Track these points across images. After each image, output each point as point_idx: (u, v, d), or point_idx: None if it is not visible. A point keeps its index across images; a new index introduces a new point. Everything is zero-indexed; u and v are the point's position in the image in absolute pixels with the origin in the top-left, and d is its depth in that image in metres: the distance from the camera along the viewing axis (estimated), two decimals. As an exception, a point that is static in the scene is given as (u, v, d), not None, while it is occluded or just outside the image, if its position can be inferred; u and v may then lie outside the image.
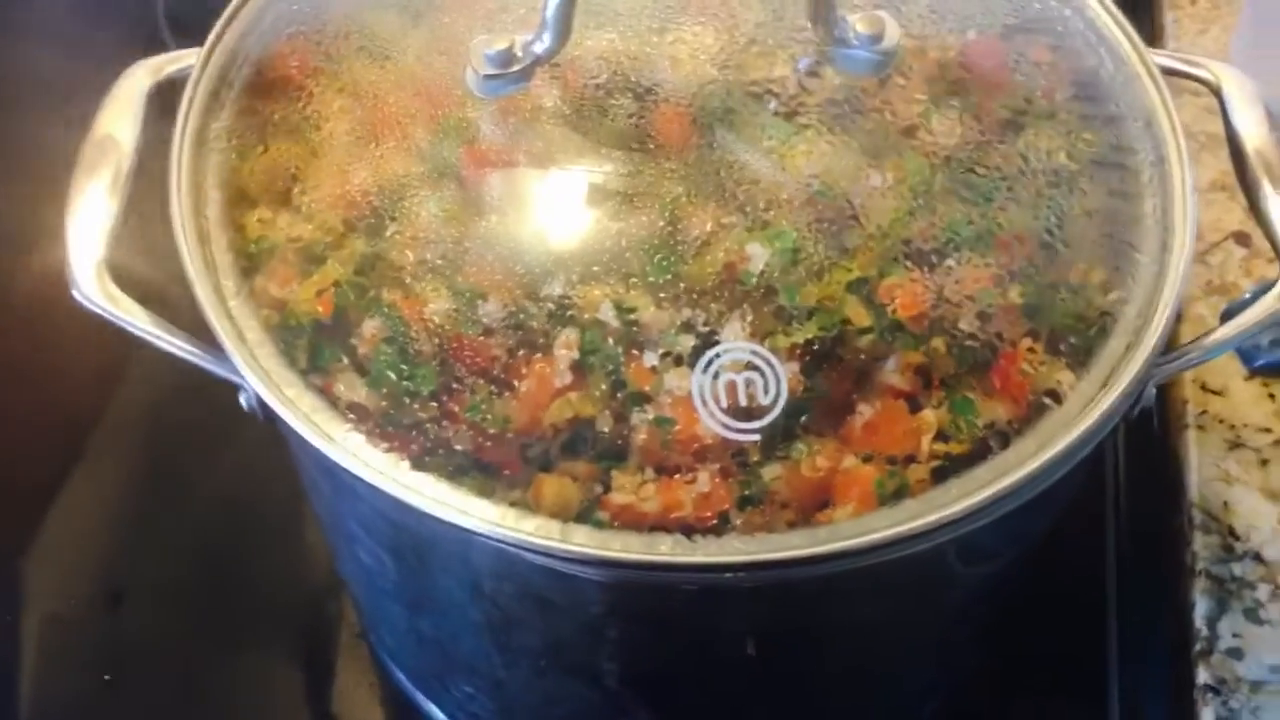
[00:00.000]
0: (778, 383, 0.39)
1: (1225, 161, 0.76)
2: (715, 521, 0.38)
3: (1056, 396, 0.40)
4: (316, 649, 0.64)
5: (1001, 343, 0.41)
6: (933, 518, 0.37)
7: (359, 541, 0.46)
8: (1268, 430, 0.64)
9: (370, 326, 0.41)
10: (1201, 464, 0.63)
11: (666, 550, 0.37)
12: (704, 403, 0.39)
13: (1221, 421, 0.65)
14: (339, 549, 0.51)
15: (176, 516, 0.66)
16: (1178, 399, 0.66)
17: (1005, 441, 0.40)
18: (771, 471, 0.39)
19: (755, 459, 0.39)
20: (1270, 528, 0.61)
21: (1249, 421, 0.64)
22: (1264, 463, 0.63)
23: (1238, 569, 0.60)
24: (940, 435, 0.40)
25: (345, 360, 0.41)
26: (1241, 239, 0.72)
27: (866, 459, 0.39)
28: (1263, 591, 0.59)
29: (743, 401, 0.39)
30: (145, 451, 0.68)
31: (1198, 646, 0.57)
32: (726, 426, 0.38)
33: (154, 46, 0.49)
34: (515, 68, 0.42)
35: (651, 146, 0.43)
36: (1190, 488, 0.62)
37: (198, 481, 0.66)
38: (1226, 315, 0.68)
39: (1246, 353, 0.66)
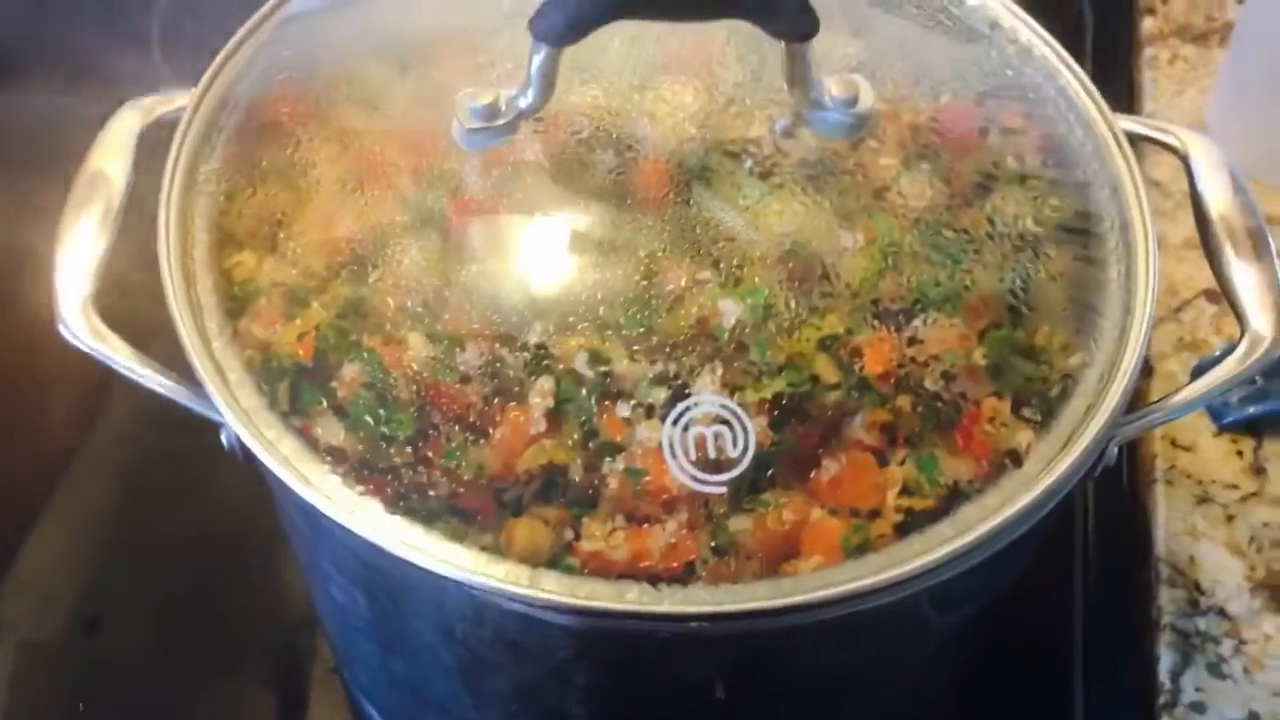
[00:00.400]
0: (746, 436, 0.40)
1: (1190, 218, 0.78)
2: (682, 571, 0.39)
3: (1017, 456, 0.41)
4: (291, 683, 0.64)
5: (966, 402, 0.42)
6: (895, 572, 0.38)
7: (333, 580, 0.47)
8: (1235, 486, 0.65)
9: (350, 371, 0.42)
10: (1169, 518, 0.64)
11: (633, 599, 0.38)
12: (674, 454, 0.40)
13: (1189, 477, 0.66)
14: (314, 586, 0.52)
15: (156, 546, 0.66)
16: (1147, 454, 0.67)
17: (967, 499, 0.41)
18: (739, 523, 0.40)
19: (723, 510, 0.40)
20: (1235, 583, 0.62)
21: (1217, 477, 0.66)
22: (1230, 518, 0.64)
23: (1202, 623, 0.60)
24: (905, 491, 0.41)
25: (325, 403, 0.42)
26: (1213, 296, 0.73)
27: (832, 512, 0.40)
28: (1226, 646, 0.60)
29: (711, 454, 0.40)
30: (125, 481, 0.68)
31: (1161, 700, 0.58)
32: (695, 479, 0.39)
33: (150, 87, 0.50)
34: (500, 121, 0.43)
35: (630, 201, 0.44)
36: (1157, 542, 0.63)
37: (177, 512, 0.67)
38: (1196, 372, 0.70)
39: (1216, 409, 0.68)
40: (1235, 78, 0.78)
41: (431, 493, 0.40)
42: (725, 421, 0.40)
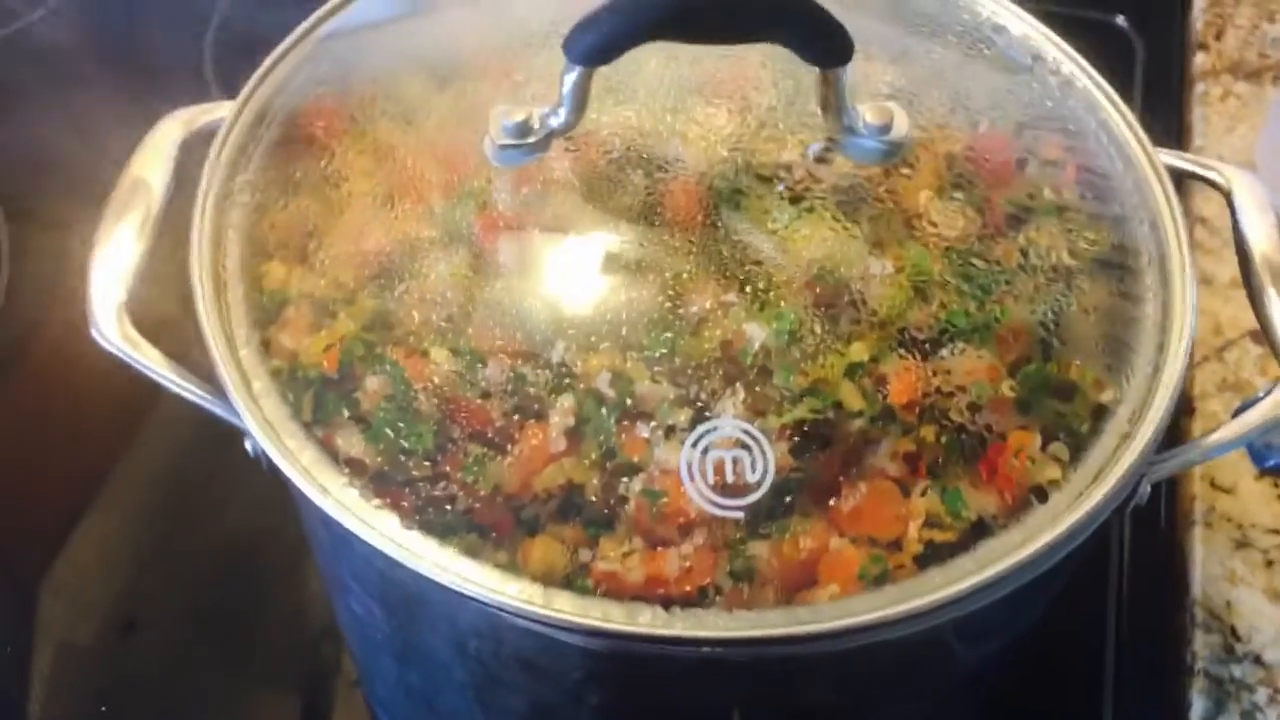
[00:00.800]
0: (765, 462, 0.39)
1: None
2: (698, 595, 0.39)
3: (1044, 492, 0.41)
4: (313, 694, 0.64)
5: (992, 435, 0.41)
6: (912, 604, 0.37)
7: (352, 592, 0.47)
8: (1276, 532, 0.64)
9: (373, 383, 0.42)
10: (1207, 562, 0.63)
11: (645, 622, 0.37)
12: (691, 478, 0.39)
13: (1229, 520, 0.64)
14: (335, 597, 0.52)
15: (191, 553, 0.67)
16: (1186, 495, 0.65)
17: (990, 533, 0.40)
18: (756, 549, 0.39)
19: (741, 536, 0.40)
20: (1273, 631, 0.60)
21: (1257, 522, 0.64)
22: (1270, 564, 0.63)
23: (1237, 670, 0.59)
24: (928, 523, 0.40)
25: (347, 414, 0.42)
26: (1258, 337, 0.72)
27: (852, 542, 0.40)
28: (1261, 695, 0.58)
29: (730, 479, 0.39)
30: (163, 491, 0.69)
31: (1192, 748, 0.57)
32: (712, 503, 0.39)
33: (200, 98, 0.51)
34: (532, 139, 0.44)
35: (659, 222, 0.44)
36: (1194, 585, 0.62)
37: (212, 523, 0.67)
38: (1238, 413, 0.68)
39: (1257, 452, 0.66)
40: (1285, 116, 0.76)
41: (449, 507, 0.40)
42: (745, 446, 0.40)
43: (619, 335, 0.42)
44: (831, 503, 0.40)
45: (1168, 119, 0.85)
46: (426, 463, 0.41)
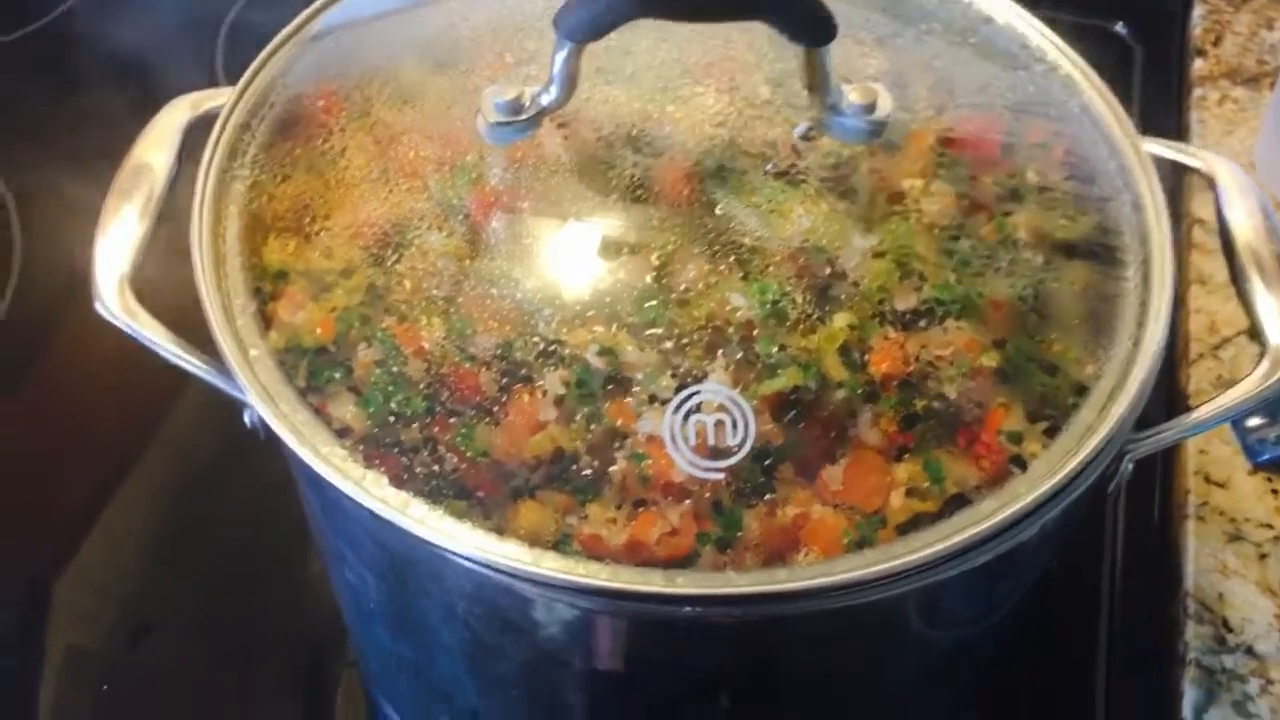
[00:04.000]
0: (746, 426, 0.40)
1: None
2: (682, 559, 0.39)
3: (1023, 462, 0.41)
4: (322, 695, 0.64)
5: (974, 407, 0.42)
6: (889, 564, 0.38)
7: (346, 561, 0.48)
8: (1269, 526, 0.64)
9: (366, 351, 0.43)
10: (1199, 554, 0.63)
11: (628, 579, 0.38)
12: (674, 441, 0.40)
13: (1222, 514, 0.65)
14: (332, 572, 0.53)
15: (204, 557, 0.66)
16: (1179, 489, 0.66)
17: (969, 503, 0.40)
18: (741, 515, 0.40)
19: (726, 502, 0.40)
20: (1265, 622, 0.61)
21: (1250, 516, 0.64)
22: (1263, 557, 0.63)
23: (1229, 661, 0.59)
24: (909, 492, 0.41)
25: (341, 382, 0.43)
26: (1254, 334, 0.72)
27: (836, 509, 0.40)
28: (1253, 685, 0.58)
29: (711, 442, 0.40)
30: (179, 490, 0.69)
31: (1184, 737, 0.57)
32: (694, 464, 0.40)
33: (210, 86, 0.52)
34: (523, 116, 0.45)
35: (648, 199, 0.45)
36: (1187, 577, 0.62)
37: (225, 526, 0.67)
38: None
39: (1251, 448, 0.66)
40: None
41: (438, 470, 0.41)
42: (726, 410, 0.40)
43: (607, 307, 0.43)
44: (817, 471, 0.41)
45: (1166, 123, 0.85)
46: (417, 427, 0.41)
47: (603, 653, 0.43)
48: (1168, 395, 0.70)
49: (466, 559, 0.39)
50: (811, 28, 0.42)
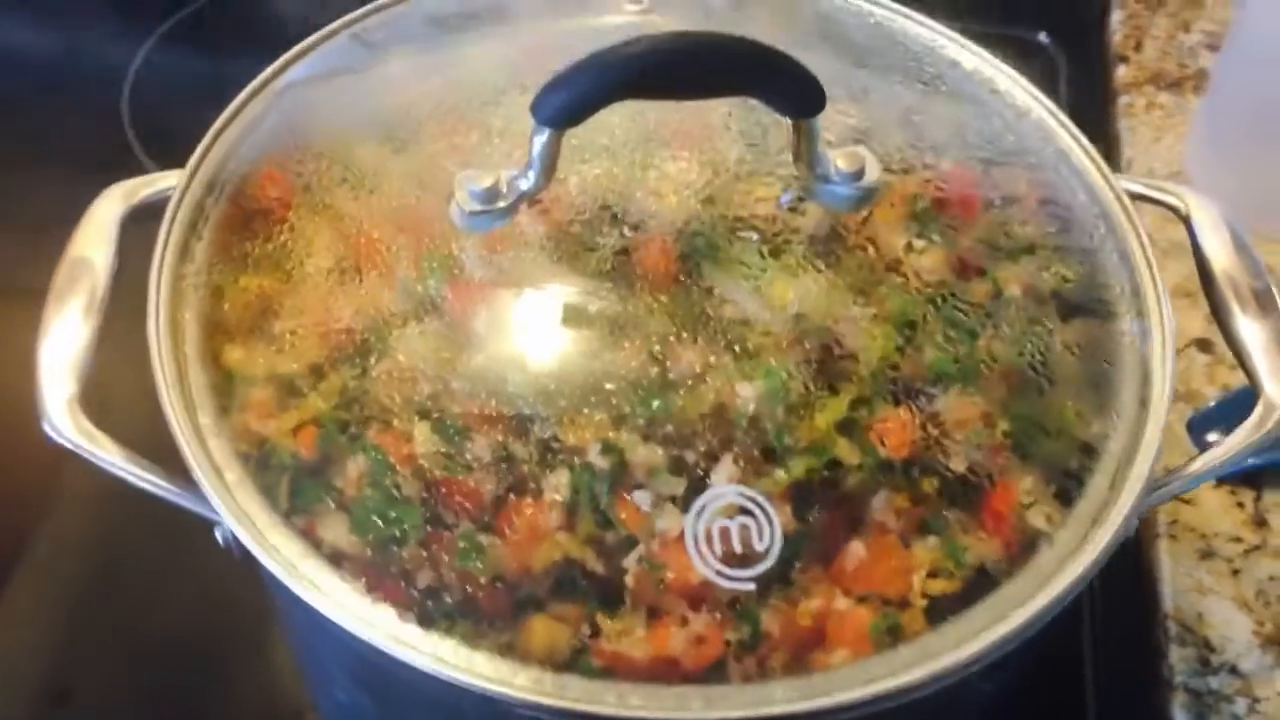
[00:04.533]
0: (772, 529, 0.39)
1: (1188, 268, 0.78)
2: (709, 669, 0.38)
3: (1046, 535, 0.40)
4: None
5: (989, 480, 0.41)
6: (928, 669, 0.37)
7: (336, 682, 0.45)
8: (1238, 539, 0.65)
9: (354, 466, 0.40)
10: (1175, 575, 0.63)
11: (663, 705, 0.36)
12: (699, 550, 0.38)
13: (1192, 530, 0.65)
14: (315, 687, 0.50)
15: (127, 613, 0.64)
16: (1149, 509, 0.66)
17: (996, 582, 0.40)
18: (766, 615, 0.38)
19: (749, 604, 0.39)
20: (1245, 639, 0.61)
21: (1219, 530, 0.65)
22: (1235, 572, 0.64)
23: (1215, 682, 0.60)
24: (931, 573, 0.40)
25: (329, 502, 0.40)
26: (1204, 345, 0.73)
27: (860, 600, 0.39)
28: (1240, 705, 0.59)
29: (737, 548, 0.38)
30: (95, 547, 0.66)
31: (1180, 763, 0.57)
32: (721, 574, 0.38)
33: (126, 165, 0.49)
34: (501, 203, 0.42)
35: (637, 282, 0.43)
36: (1165, 599, 0.62)
37: (151, 579, 0.64)
38: (1194, 424, 0.69)
39: (1213, 461, 0.67)
40: (1213, 126, 0.78)
41: (446, 597, 0.38)
42: (749, 513, 0.39)
43: (607, 402, 0.41)
44: (836, 560, 0.40)
45: (1095, 133, 0.86)
46: (419, 550, 0.39)
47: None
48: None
49: (486, 693, 0.36)
50: (800, 99, 0.41)
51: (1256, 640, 0.61)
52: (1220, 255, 0.48)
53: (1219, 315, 0.48)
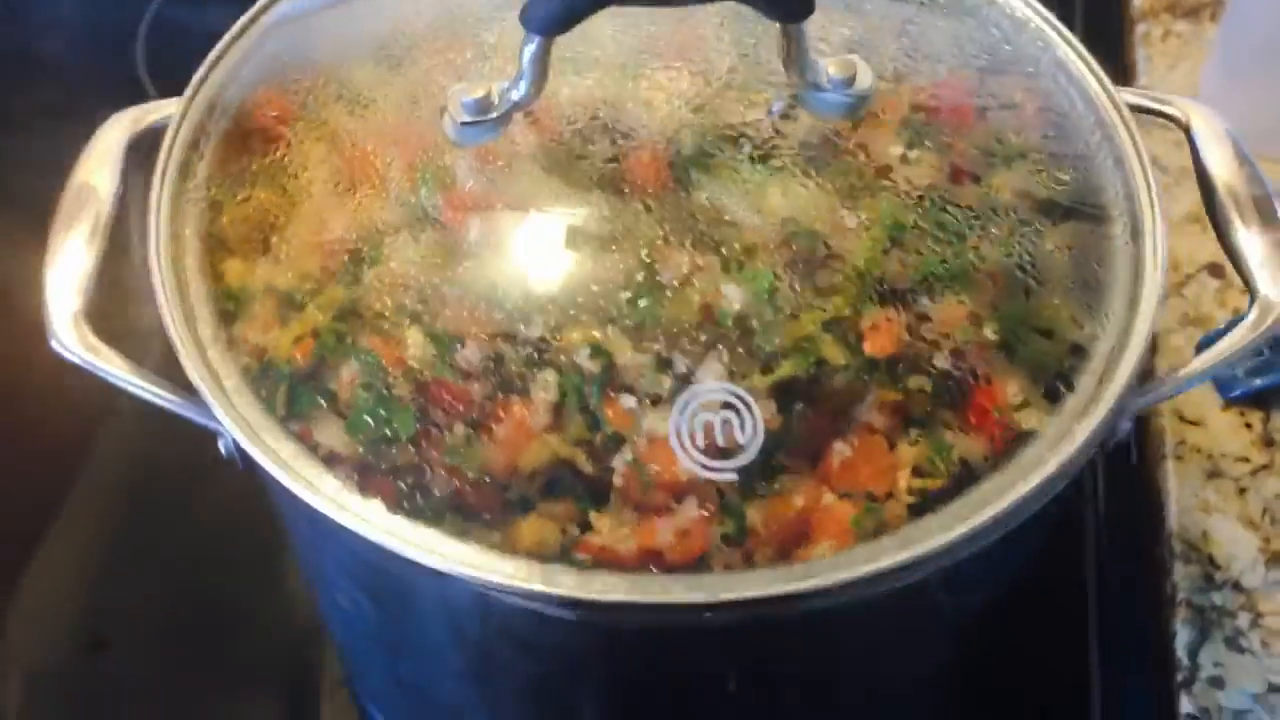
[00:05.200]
0: (754, 422, 0.39)
1: (1198, 194, 0.78)
2: (694, 562, 0.38)
3: (1030, 433, 0.41)
4: (299, 695, 0.63)
5: (976, 379, 0.41)
6: (910, 553, 0.37)
7: (338, 587, 0.46)
8: (1245, 459, 0.65)
9: (348, 372, 0.41)
10: (1181, 494, 0.63)
11: (645, 590, 0.37)
12: (681, 443, 0.39)
13: (1199, 451, 0.65)
14: (320, 594, 0.51)
15: (159, 563, 0.65)
16: (1155, 430, 0.66)
17: (980, 477, 0.40)
18: (750, 510, 0.39)
19: (734, 498, 0.39)
20: (1250, 556, 0.61)
21: (1226, 451, 0.65)
22: (1242, 491, 0.64)
23: (1218, 598, 0.60)
24: (917, 472, 0.40)
25: (324, 406, 0.41)
26: (1215, 271, 0.73)
27: (844, 496, 0.40)
28: (1243, 620, 0.59)
29: (720, 441, 0.39)
30: (125, 498, 0.68)
31: (1180, 676, 0.57)
32: (704, 466, 0.39)
33: (135, 95, 0.50)
34: (493, 115, 0.43)
35: (628, 190, 0.44)
36: (1170, 518, 0.62)
37: (179, 529, 0.66)
38: (1202, 346, 0.69)
39: (1223, 383, 0.67)
40: (1229, 52, 0.77)
41: (435, 492, 0.39)
42: (732, 407, 0.39)
43: (596, 307, 0.42)
44: (820, 459, 0.40)
45: (1112, 61, 0.85)
46: (410, 448, 0.40)
47: (617, 662, 0.42)
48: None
49: (473, 581, 0.37)
50: (788, 3, 0.41)
51: (1262, 557, 0.61)
52: (1220, 167, 0.48)
53: (1218, 225, 0.48)
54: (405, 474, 0.40)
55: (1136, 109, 0.49)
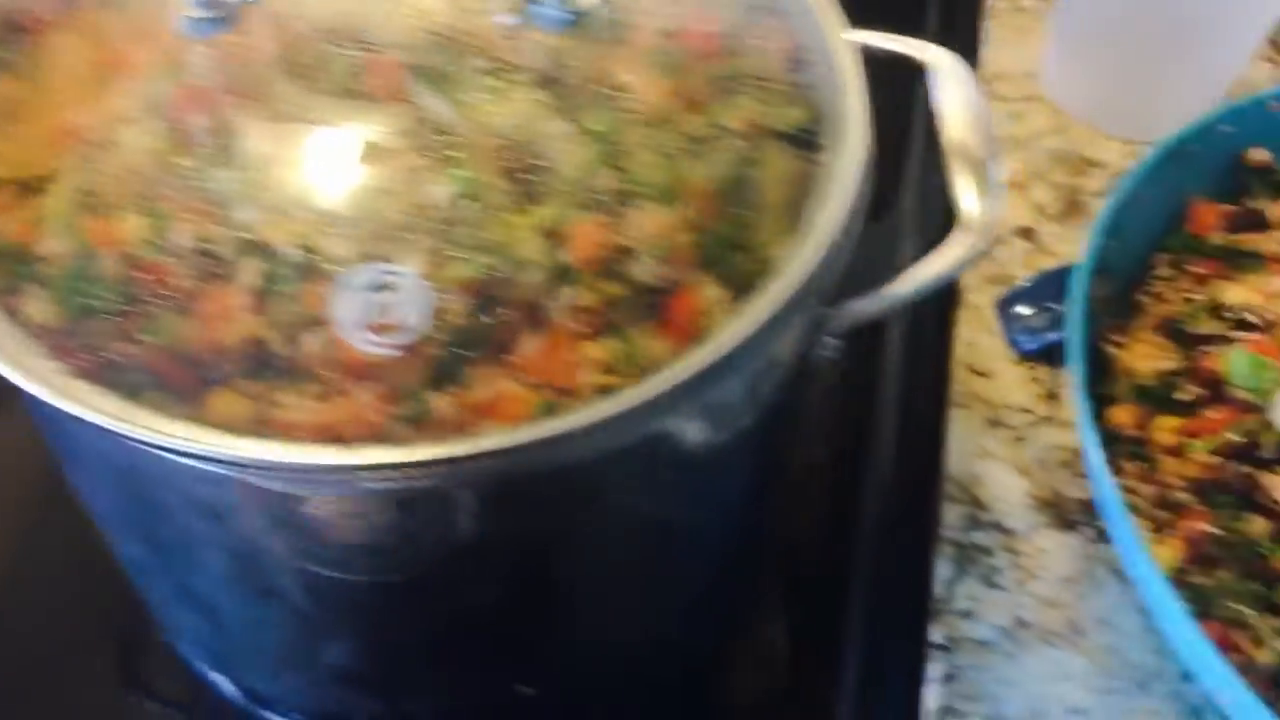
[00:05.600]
0: (425, 304, 0.41)
1: (1017, 160, 0.80)
2: (374, 439, 0.40)
3: (714, 336, 0.43)
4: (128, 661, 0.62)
5: (669, 287, 0.43)
6: (563, 425, 0.39)
7: (98, 492, 0.48)
8: (1028, 411, 0.67)
9: (58, 246, 0.43)
10: (961, 440, 0.66)
11: (313, 455, 0.39)
12: (350, 318, 0.41)
13: (984, 401, 0.67)
14: (85, 500, 0.52)
15: None
16: (943, 379, 0.68)
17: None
18: (434, 396, 0.41)
19: (419, 385, 0.41)
20: (1017, 500, 0.64)
21: (1010, 403, 0.67)
22: (1019, 440, 0.66)
23: (980, 537, 0.62)
24: (605, 370, 0.42)
25: (35, 280, 0.43)
26: (1026, 234, 0.75)
27: (530, 387, 0.42)
28: (1002, 559, 0.62)
29: (393, 320, 0.41)
30: None
31: (933, 608, 0.60)
32: (368, 341, 0.40)
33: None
34: (221, 11, 0.45)
35: (358, 95, 0.46)
36: (946, 461, 0.65)
37: None
38: (1002, 304, 0.71)
39: (1017, 339, 0.69)
40: (1065, 27, 0.80)
41: (134, 364, 0.41)
42: (407, 290, 0.41)
43: (309, 201, 0.43)
44: (512, 353, 0.42)
45: (966, 36, 0.87)
46: (112, 322, 0.42)
47: (305, 531, 0.44)
48: (944, 295, 0.72)
49: (157, 447, 0.39)
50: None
51: (1031, 503, 0.64)
52: (956, 109, 0.50)
53: (947, 160, 0.50)
54: (105, 347, 0.41)
55: (876, 49, 0.51)
